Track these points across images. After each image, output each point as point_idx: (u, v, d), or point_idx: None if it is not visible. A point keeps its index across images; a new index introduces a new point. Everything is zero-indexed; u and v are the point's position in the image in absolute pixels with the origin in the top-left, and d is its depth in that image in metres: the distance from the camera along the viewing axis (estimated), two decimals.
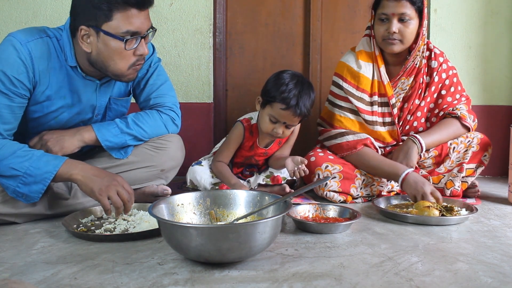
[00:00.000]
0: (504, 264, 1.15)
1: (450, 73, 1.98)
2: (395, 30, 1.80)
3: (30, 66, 1.43)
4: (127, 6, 1.38)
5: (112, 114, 1.72)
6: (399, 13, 1.79)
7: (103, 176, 1.40)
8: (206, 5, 2.43)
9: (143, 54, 1.48)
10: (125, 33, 1.40)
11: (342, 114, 1.96)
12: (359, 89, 1.92)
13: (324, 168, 1.86)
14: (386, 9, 1.81)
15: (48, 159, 1.41)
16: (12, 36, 1.44)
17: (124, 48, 1.42)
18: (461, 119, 1.92)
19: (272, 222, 1.09)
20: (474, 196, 1.94)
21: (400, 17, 1.80)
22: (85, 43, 1.44)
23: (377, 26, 1.86)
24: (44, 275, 1.06)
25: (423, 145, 1.87)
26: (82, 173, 1.40)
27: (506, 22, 2.56)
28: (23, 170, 1.37)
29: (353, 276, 1.06)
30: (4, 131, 1.44)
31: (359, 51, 1.96)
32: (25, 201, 1.43)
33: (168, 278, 1.04)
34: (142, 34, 1.44)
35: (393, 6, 1.79)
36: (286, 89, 1.72)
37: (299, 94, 1.72)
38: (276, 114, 1.75)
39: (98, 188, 1.37)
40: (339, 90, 1.97)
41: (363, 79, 1.92)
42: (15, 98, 1.43)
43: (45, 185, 1.40)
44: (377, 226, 1.50)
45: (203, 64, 2.46)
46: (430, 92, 1.96)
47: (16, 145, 1.42)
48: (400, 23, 1.80)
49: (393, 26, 1.80)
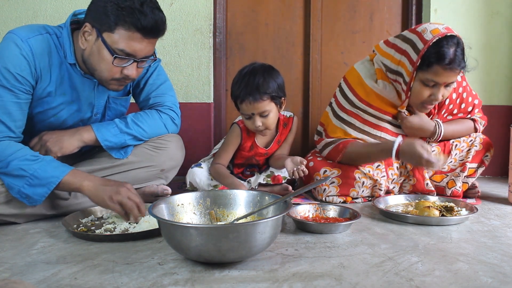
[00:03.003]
0: (504, 264, 1.15)
1: (460, 90, 1.92)
2: (441, 98, 1.70)
3: (32, 62, 1.44)
4: (133, 27, 1.38)
5: (112, 114, 1.72)
6: (449, 82, 1.68)
7: (111, 184, 1.40)
8: (206, 5, 2.43)
9: (130, 76, 1.47)
10: (120, 50, 1.40)
11: (341, 126, 1.88)
12: (371, 106, 1.83)
13: (322, 173, 1.85)
14: (439, 78, 1.65)
15: (56, 165, 1.42)
16: (13, 33, 1.44)
17: (112, 63, 1.42)
18: (475, 121, 1.95)
19: (272, 222, 1.09)
20: (474, 196, 1.93)
21: (449, 84, 1.70)
22: (83, 39, 1.44)
23: (420, 89, 1.70)
24: (44, 275, 1.06)
25: (442, 129, 1.84)
26: (91, 183, 1.40)
27: (506, 22, 2.56)
28: (31, 172, 1.38)
29: (353, 276, 1.06)
30: (16, 128, 1.45)
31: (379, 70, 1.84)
32: (28, 203, 1.43)
33: (168, 278, 1.04)
34: (136, 58, 1.44)
35: (447, 75, 1.64)
36: (238, 82, 1.78)
37: (248, 81, 1.74)
38: (242, 110, 1.81)
39: (109, 197, 1.37)
40: (345, 102, 1.88)
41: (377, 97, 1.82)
42: (21, 94, 1.44)
43: (49, 189, 1.40)
44: (377, 226, 1.50)
45: (203, 64, 2.46)
46: (440, 115, 1.92)
47: (27, 149, 1.44)
48: (444, 88, 1.70)
49: (439, 94, 1.68)
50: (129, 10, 1.36)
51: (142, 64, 1.49)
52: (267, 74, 1.76)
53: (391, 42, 1.83)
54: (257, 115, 1.77)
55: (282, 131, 1.96)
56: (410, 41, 1.72)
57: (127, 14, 1.36)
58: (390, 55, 1.80)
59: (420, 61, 1.67)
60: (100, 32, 1.40)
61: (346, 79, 1.92)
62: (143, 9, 1.37)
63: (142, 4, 1.37)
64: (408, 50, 1.71)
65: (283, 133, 1.97)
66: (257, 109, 1.75)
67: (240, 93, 1.74)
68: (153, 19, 1.39)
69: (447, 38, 1.64)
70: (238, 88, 1.76)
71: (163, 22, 1.44)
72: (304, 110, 2.61)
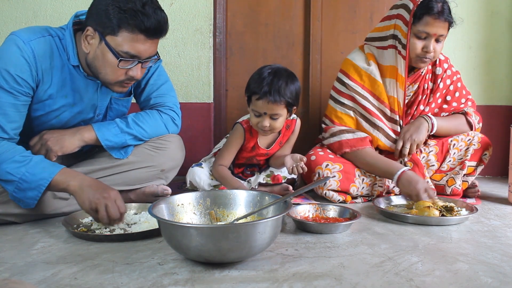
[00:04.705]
0: (504, 264, 1.15)
1: (454, 79, 2.01)
2: (433, 50, 1.79)
3: (33, 65, 1.43)
4: (136, 30, 1.38)
5: (113, 114, 1.72)
6: (439, 34, 1.78)
7: (97, 188, 1.37)
8: (206, 5, 2.43)
9: (134, 77, 1.47)
10: (124, 53, 1.40)
11: (343, 111, 1.96)
12: (365, 88, 1.93)
13: (324, 167, 1.86)
14: (429, 28, 1.77)
15: (44, 165, 1.40)
16: (15, 35, 1.44)
17: (117, 65, 1.42)
18: (466, 114, 1.98)
19: (272, 222, 1.09)
20: (474, 196, 1.94)
21: (438, 38, 1.80)
22: (86, 43, 1.44)
23: (413, 41, 1.81)
24: (44, 275, 1.06)
25: (435, 125, 1.90)
26: (78, 184, 1.38)
27: (506, 22, 2.57)
28: (19, 176, 1.36)
29: (353, 276, 1.06)
30: (11, 130, 1.44)
31: (370, 54, 1.95)
32: (23, 206, 1.43)
33: (168, 278, 1.04)
34: (141, 59, 1.44)
35: (437, 26, 1.76)
36: (259, 79, 1.75)
37: (272, 82, 1.73)
38: (255, 106, 1.77)
39: (89, 201, 1.35)
40: (342, 87, 1.97)
41: (373, 81, 1.92)
42: (19, 96, 1.43)
43: (40, 192, 1.38)
44: (377, 226, 1.50)
45: (203, 64, 2.46)
46: (435, 98, 1.98)
47: (17, 149, 1.41)
48: (435, 42, 1.80)
49: (431, 46, 1.79)
50: (132, 12, 1.35)
51: (146, 64, 1.49)
52: (290, 79, 1.78)
53: (381, 20, 1.97)
54: (268, 116, 1.77)
55: (284, 132, 1.96)
56: (401, 5, 1.86)
57: (130, 16, 1.36)
58: (385, 26, 1.93)
59: (412, 19, 1.80)
60: (103, 36, 1.39)
61: (341, 69, 2.01)
62: (145, 10, 1.36)
63: (144, 6, 1.37)
64: (401, 13, 1.85)
65: (285, 135, 1.97)
66: (271, 110, 1.76)
67: (260, 90, 1.74)
68: (156, 19, 1.39)
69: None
70: (258, 85, 1.74)
71: (166, 22, 1.44)
72: (304, 110, 2.61)
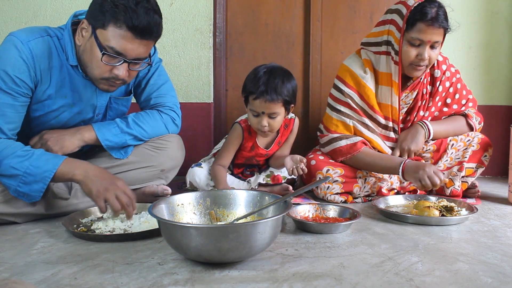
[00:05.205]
0: (504, 264, 1.15)
1: (453, 80, 1.96)
2: (427, 57, 1.75)
3: (32, 65, 1.43)
4: (124, 26, 1.36)
5: (113, 114, 1.72)
6: (434, 41, 1.73)
7: (104, 178, 1.39)
8: (206, 5, 2.43)
9: (119, 76, 1.44)
10: (109, 48, 1.39)
11: (339, 118, 1.91)
12: (362, 98, 1.89)
13: (325, 172, 1.85)
14: (423, 35, 1.71)
15: (47, 157, 1.41)
16: (13, 35, 1.44)
17: (100, 59, 1.41)
18: (467, 116, 1.94)
19: (272, 222, 1.09)
20: (474, 196, 1.93)
21: (433, 44, 1.75)
22: (80, 35, 1.45)
23: (407, 49, 1.76)
24: (44, 275, 1.06)
25: (431, 131, 1.88)
26: (84, 173, 1.39)
27: (506, 22, 2.57)
28: (23, 169, 1.37)
29: (353, 276, 1.06)
30: (9, 130, 1.44)
31: (367, 60, 1.90)
32: (27, 201, 1.43)
33: (168, 278, 1.04)
34: (127, 58, 1.42)
35: (431, 33, 1.71)
36: (255, 79, 1.75)
37: (268, 81, 1.73)
38: (253, 106, 1.77)
39: (96, 190, 1.36)
40: (338, 94, 1.93)
41: (368, 91, 1.87)
42: (18, 97, 1.43)
43: (45, 184, 1.39)
44: (377, 226, 1.50)
45: (203, 64, 2.46)
46: (435, 102, 1.94)
47: (18, 145, 1.42)
48: (430, 49, 1.75)
49: (425, 53, 1.74)
50: (123, 8, 1.35)
51: (134, 66, 1.46)
52: (286, 78, 1.78)
53: (376, 25, 1.92)
54: (266, 115, 1.77)
55: (283, 132, 1.96)
56: (395, 10, 1.82)
57: (120, 11, 1.35)
58: (379, 31, 1.88)
59: (405, 25, 1.75)
60: (94, 29, 1.40)
61: (337, 75, 1.98)
62: (137, 8, 1.36)
63: (137, 4, 1.36)
64: (394, 18, 1.80)
65: (284, 134, 1.97)
66: (269, 109, 1.75)
67: (257, 89, 1.74)
68: (146, 20, 1.37)
69: (429, 1, 1.74)
70: (255, 84, 1.74)
71: (157, 25, 1.42)
72: (304, 110, 2.61)
